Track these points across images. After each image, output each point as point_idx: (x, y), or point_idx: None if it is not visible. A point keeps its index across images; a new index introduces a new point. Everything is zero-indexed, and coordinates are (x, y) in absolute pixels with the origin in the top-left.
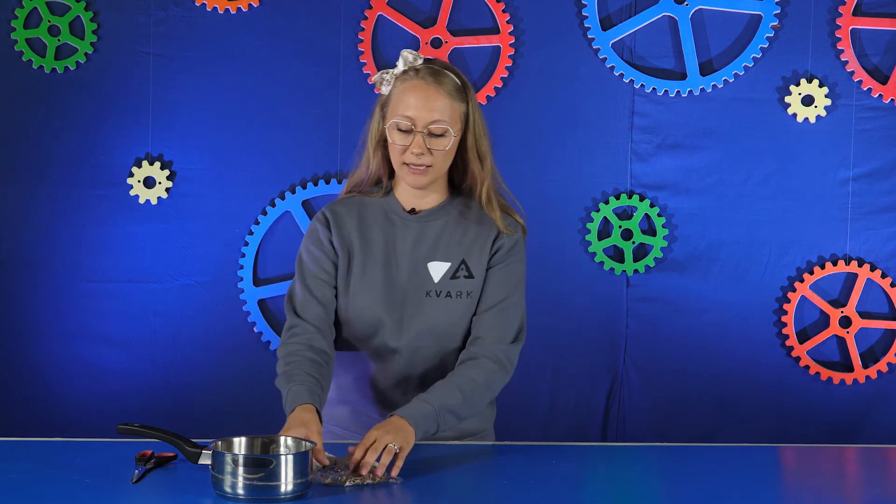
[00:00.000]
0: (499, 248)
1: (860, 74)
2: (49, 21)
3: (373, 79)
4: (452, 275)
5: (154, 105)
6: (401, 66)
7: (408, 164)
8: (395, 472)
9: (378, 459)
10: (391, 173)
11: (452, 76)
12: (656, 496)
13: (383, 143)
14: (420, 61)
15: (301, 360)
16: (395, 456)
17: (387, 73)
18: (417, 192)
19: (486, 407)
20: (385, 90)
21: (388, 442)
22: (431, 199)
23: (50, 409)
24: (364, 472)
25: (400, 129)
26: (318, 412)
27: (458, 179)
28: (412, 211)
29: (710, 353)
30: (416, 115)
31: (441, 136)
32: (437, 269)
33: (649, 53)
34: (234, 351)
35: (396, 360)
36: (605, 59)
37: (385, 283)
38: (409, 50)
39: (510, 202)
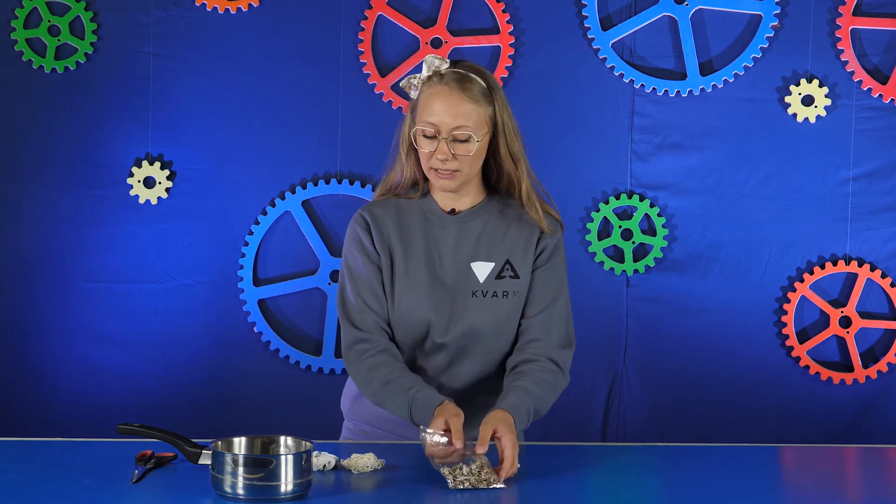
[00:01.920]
0: (543, 248)
1: (860, 74)
2: (49, 21)
3: (401, 85)
4: (498, 275)
5: (154, 105)
6: (425, 71)
7: (435, 169)
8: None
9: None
10: (427, 176)
11: (478, 80)
12: (656, 496)
13: (415, 148)
14: (445, 66)
15: (396, 370)
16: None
17: (414, 77)
18: (453, 193)
19: None
20: (414, 95)
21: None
22: (469, 199)
23: (50, 409)
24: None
25: (425, 136)
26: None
27: (494, 179)
28: (451, 212)
29: (710, 353)
30: (439, 121)
31: (465, 141)
32: (482, 270)
33: (649, 53)
34: (234, 351)
35: (441, 358)
36: (605, 59)
37: (430, 282)
38: (433, 55)
39: (544, 197)
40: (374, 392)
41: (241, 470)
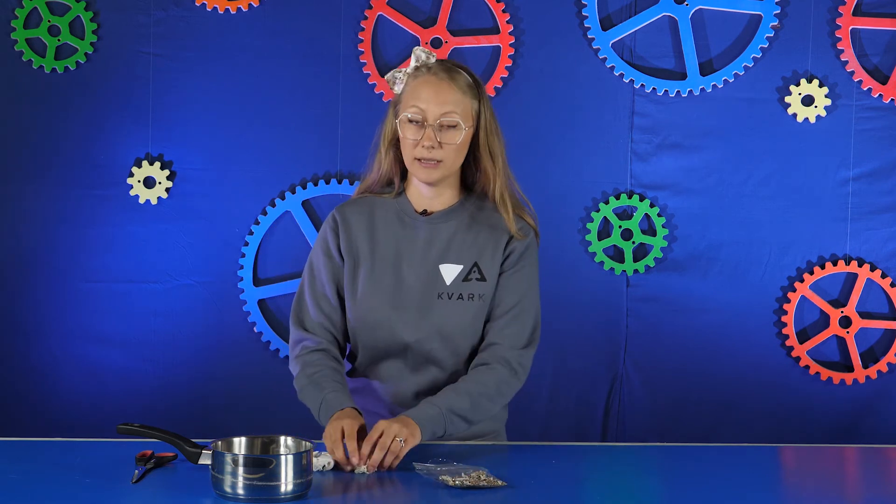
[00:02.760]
0: (511, 251)
1: (860, 74)
2: (49, 21)
3: (385, 77)
4: (465, 277)
5: (154, 105)
6: (413, 63)
7: (419, 160)
8: (394, 464)
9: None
10: (403, 174)
11: (465, 74)
12: (656, 496)
13: (395, 144)
14: (433, 59)
15: (324, 369)
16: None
17: (399, 71)
18: (430, 193)
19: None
20: (398, 89)
21: (395, 434)
22: (443, 199)
23: (50, 409)
24: (370, 468)
25: (411, 121)
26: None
27: (470, 180)
28: (424, 212)
29: (710, 353)
30: (427, 107)
31: (453, 128)
32: (449, 272)
33: (649, 53)
34: (234, 351)
35: (407, 360)
36: (605, 59)
37: (395, 284)
38: (421, 48)
39: (522, 202)
40: (299, 387)
41: (241, 470)
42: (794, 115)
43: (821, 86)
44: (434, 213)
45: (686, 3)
